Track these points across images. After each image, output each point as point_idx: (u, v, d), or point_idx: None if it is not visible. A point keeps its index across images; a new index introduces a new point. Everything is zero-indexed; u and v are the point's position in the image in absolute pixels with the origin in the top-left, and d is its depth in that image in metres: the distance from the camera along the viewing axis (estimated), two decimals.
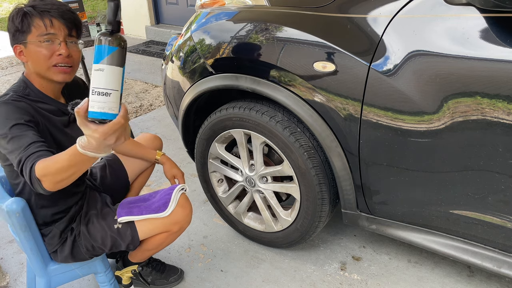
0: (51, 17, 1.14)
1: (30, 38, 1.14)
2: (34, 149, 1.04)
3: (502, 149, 1.07)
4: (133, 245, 1.36)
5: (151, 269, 1.63)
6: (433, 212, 1.30)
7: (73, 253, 1.31)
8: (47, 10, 1.14)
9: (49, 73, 1.18)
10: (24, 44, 1.15)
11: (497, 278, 1.60)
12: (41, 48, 1.15)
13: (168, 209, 1.32)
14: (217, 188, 1.85)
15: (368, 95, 1.21)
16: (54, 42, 1.16)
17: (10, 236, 1.95)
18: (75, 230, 1.32)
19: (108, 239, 1.32)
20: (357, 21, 1.21)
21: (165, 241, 1.42)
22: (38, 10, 1.14)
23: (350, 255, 1.77)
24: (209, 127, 1.66)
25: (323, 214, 1.53)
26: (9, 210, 1.17)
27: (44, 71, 1.18)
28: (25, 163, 1.02)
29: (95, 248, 1.32)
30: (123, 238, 1.33)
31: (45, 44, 1.15)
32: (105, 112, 0.84)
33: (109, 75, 0.83)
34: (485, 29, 1.02)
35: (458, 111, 1.09)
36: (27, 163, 1.02)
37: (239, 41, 1.47)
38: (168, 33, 5.12)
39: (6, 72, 4.37)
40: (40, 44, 1.14)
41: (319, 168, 1.44)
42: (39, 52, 1.15)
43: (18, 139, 1.06)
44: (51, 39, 1.15)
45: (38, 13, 1.13)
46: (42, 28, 1.14)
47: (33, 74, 1.20)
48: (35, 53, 1.15)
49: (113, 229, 1.33)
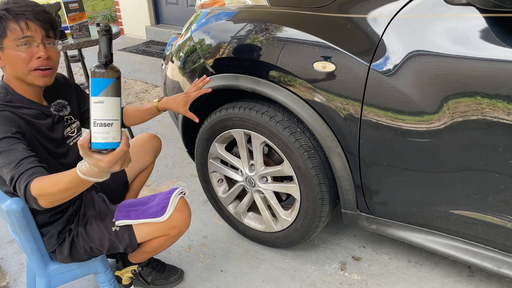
0: (26, 19, 1.11)
1: (6, 42, 1.11)
2: (26, 165, 1.03)
3: (502, 149, 1.07)
4: (131, 248, 1.36)
5: (151, 269, 1.64)
6: (433, 212, 1.30)
7: (71, 253, 1.31)
8: (22, 13, 1.10)
9: (30, 77, 1.15)
10: (1, 49, 1.12)
11: (497, 278, 1.60)
12: (19, 52, 1.12)
13: (165, 214, 1.31)
14: (217, 188, 1.85)
15: (368, 95, 1.21)
16: (32, 45, 1.13)
17: (10, 236, 1.95)
18: (73, 231, 1.32)
19: (106, 241, 1.32)
20: (357, 21, 1.21)
21: (163, 245, 1.42)
22: (12, 13, 1.10)
23: (350, 255, 1.77)
24: (209, 127, 1.66)
25: (323, 214, 1.53)
26: (9, 210, 1.17)
27: (24, 76, 1.15)
28: (18, 181, 1.02)
29: (93, 249, 1.32)
30: (121, 240, 1.33)
31: (22, 48, 1.12)
32: (108, 142, 0.86)
33: (109, 106, 0.84)
34: (485, 29, 1.02)
35: (458, 111, 1.09)
36: (20, 181, 1.01)
37: (239, 41, 1.47)
38: (168, 33, 5.12)
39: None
40: (18, 48, 1.11)
41: (319, 168, 1.44)
42: (17, 56, 1.12)
43: (8, 153, 1.04)
44: (29, 42, 1.12)
45: (12, 17, 1.10)
46: (18, 32, 1.10)
47: (12, 78, 1.18)
48: (13, 57, 1.12)
49: (111, 231, 1.32)
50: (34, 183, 1.00)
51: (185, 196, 1.41)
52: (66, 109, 1.32)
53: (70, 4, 2.54)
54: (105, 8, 7.14)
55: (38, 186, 0.99)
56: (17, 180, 1.02)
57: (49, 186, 0.99)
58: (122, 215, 1.33)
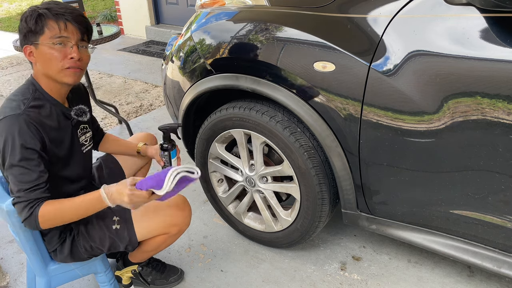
0: (65, 20, 1.15)
1: (42, 39, 1.14)
2: (38, 194, 1.12)
3: (502, 149, 1.07)
4: (131, 246, 1.36)
5: (151, 269, 1.63)
6: (433, 212, 1.30)
7: (72, 253, 1.31)
8: (62, 13, 1.15)
9: (60, 75, 1.18)
10: (36, 45, 1.15)
11: (497, 278, 1.60)
12: (53, 50, 1.15)
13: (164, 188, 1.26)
14: (217, 188, 1.85)
15: (368, 95, 1.21)
16: (66, 45, 1.16)
17: (10, 236, 1.95)
18: (74, 230, 1.32)
19: (106, 239, 1.32)
20: (357, 21, 1.21)
21: (164, 243, 1.42)
22: (53, 12, 1.14)
23: (350, 255, 1.77)
24: (209, 127, 1.66)
25: (323, 214, 1.53)
26: (9, 210, 1.17)
27: (55, 73, 1.18)
28: (25, 204, 1.11)
29: (94, 248, 1.32)
30: (121, 239, 1.33)
31: (57, 47, 1.15)
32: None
33: None
34: (485, 29, 1.02)
35: (458, 111, 1.09)
36: (27, 207, 1.11)
37: (239, 41, 1.47)
38: (168, 33, 5.12)
39: (6, 72, 4.37)
40: (53, 46, 1.14)
41: (319, 168, 1.44)
42: (51, 54, 1.15)
43: (24, 173, 1.11)
44: (64, 42, 1.16)
45: (53, 15, 1.14)
46: (55, 30, 1.14)
47: (41, 75, 1.20)
48: (46, 54, 1.15)
49: (112, 229, 1.33)
50: (43, 209, 1.11)
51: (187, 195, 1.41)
52: (86, 115, 1.36)
53: (70, 4, 2.54)
54: (105, 8, 7.14)
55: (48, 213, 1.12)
56: (25, 203, 1.11)
57: (60, 212, 1.14)
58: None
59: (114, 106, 3.07)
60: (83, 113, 1.34)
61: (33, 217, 1.11)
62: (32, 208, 1.11)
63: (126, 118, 3.18)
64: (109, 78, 4.11)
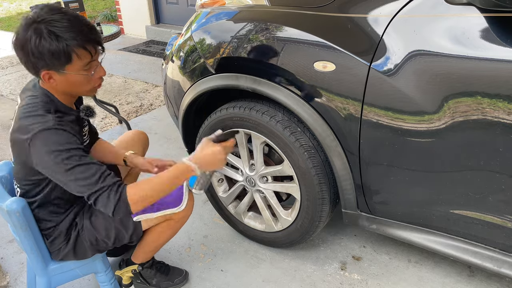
0: (92, 44, 1.10)
1: (70, 68, 1.09)
2: (113, 178, 1.12)
3: (502, 149, 1.07)
4: (136, 236, 1.36)
5: (155, 271, 1.62)
6: (434, 212, 1.30)
7: (75, 249, 1.31)
8: (87, 39, 1.09)
9: (87, 93, 1.19)
10: (60, 73, 1.10)
11: (497, 278, 1.60)
12: (82, 76, 1.12)
13: (183, 203, 1.34)
14: (217, 188, 1.85)
15: (369, 95, 1.21)
16: (92, 66, 1.14)
17: (10, 236, 1.95)
18: (79, 225, 1.31)
19: (112, 230, 1.32)
20: (358, 21, 1.21)
21: (165, 231, 1.42)
22: (80, 40, 1.07)
23: (351, 255, 1.77)
24: (210, 126, 1.66)
25: (323, 214, 1.53)
26: (10, 209, 1.17)
27: (81, 93, 1.18)
28: (108, 192, 1.09)
29: (99, 241, 1.32)
30: (126, 228, 1.33)
31: (86, 72, 1.13)
32: None
33: None
34: (486, 29, 1.02)
35: (458, 111, 1.09)
36: (111, 193, 1.09)
37: (240, 41, 1.47)
38: (168, 33, 5.12)
39: (6, 72, 4.37)
40: (82, 72, 1.12)
41: (319, 168, 1.44)
42: (81, 79, 1.13)
43: (86, 169, 1.09)
44: (92, 64, 1.13)
45: (81, 43, 1.07)
46: (87, 57, 1.10)
47: (58, 92, 1.17)
48: (75, 81, 1.13)
49: (116, 219, 1.32)
50: (129, 192, 1.11)
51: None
52: (95, 113, 1.33)
53: (70, 3, 2.54)
54: (106, 7, 7.14)
55: (138, 193, 1.11)
56: (106, 192, 1.09)
57: (149, 190, 1.13)
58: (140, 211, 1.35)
59: (114, 106, 3.08)
60: (93, 112, 1.32)
61: (122, 200, 1.09)
62: (118, 191, 1.09)
63: (126, 117, 3.18)
64: (109, 77, 4.11)
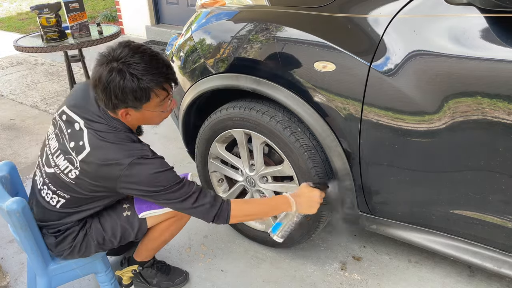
0: (169, 82, 1.15)
1: (147, 106, 1.14)
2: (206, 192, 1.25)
3: (502, 149, 1.07)
4: (141, 233, 1.38)
5: (156, 271, 1.62)
6: (434, 212, 1.30)
7: (80, 247, 1.31)
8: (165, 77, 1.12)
9: (158, 123, 1.25)
10: (136, 109, 1.15)
11: (497, 278, 1.60)
12: (156, 112, 1.17)
13: None
14: (218, 188, 1.85)
15: (369, 95, 1.21)
16: (166, 101, 1.18)
17: (10, 236, 1.95)
18: (88, 223, 1.33)
19: (118, 228, 1.33)
20: (358, 21, 1.21)
21: (169, 229, 1.43)
22: (159, 80, 1.11)
23: (351, 255, 1.77)
24: (210, 127, 1.66)
25: (323, 213, 1.52)
26: (10, 209, 1.17)
27: (153, 124, 1.23)
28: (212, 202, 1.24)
29: (106, 240, 1.33)
30: (132, 225, 1.35)
31: (160, 108, 1.17)
32: None
33: None
34: (486, 29, 1.02)
35: (458, 111, 1.09)
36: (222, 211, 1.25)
37: (240, 41, 1.47)
38: (169, 33, 5.12)
39: (7, 72, 4.37)
40: (157, 109, 1.17)
41: (320, 168, 1.44)
42: (157, 115, 1.19)
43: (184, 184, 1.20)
44: (166, 100, 1.18)
45: (163, 81, 1.12)
46: (163, 95, 1.15)
47: (130, 124, 1.22)
48: (150, 116, 1.18)
49: (122, 217, 1.34)
50: (233, 206, 1.26)
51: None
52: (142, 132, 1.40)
53: (70, 3, 2.54)
54: (106, 7, 7.14)
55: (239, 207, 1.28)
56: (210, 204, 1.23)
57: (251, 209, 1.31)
58: (146, 206, 1.37)
59: None
60: (141, 131, 1.39)
61: (225, 206, 1.25)
62: (220, 198, 1.25)
63: None
64: None
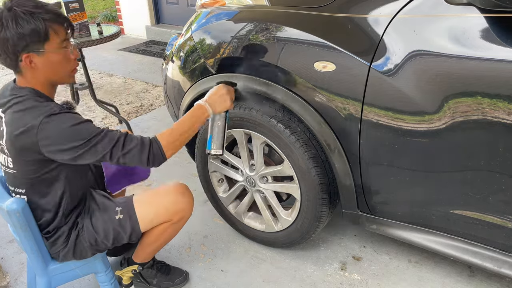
0: (66, 22, 1.11)
1: (48, 46, 1.08)
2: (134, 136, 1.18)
3: (503, 149, 1.07)
4: (135, 236, 1.36)
5: (156, 271, 1.62)
6: (434, 212, 1.30)
7: (75, 249, 1.31)
8: (62, 16, 1.10)
9: (67, 78, 1.18)
10: (40, 53, 1.09)
11: (497, 278, 1.60)
12: (60, 55, 1.12)
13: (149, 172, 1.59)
14: (218, 188, 1.85)
15: (369, 95, 1.21)
16: (67, 47, 1.13)
17: (10, 236, 1.95)
18: (79, 224, 1.32)
19: (110, 231, 1.32)
20: (358, 21, 1.21)
21: (165, 232, 1.42)
22: (54, 15, 1.07)
23: (351, 255, 1.77)
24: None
25: (323, 214, 1.53)
26: (10, 209, 1.17)
27: (62, 78, 1.17)
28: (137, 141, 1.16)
29: (98, 242, 1.32)
30: (125, 228, 1.33)
31: (63, 51, 1.12)
32: None
33: None
34: (486, 29, 1.02)
35: (458, 111, 1.09)
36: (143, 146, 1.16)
37: (240, 41, 1.47)
38: (169, 33, 5.12)
39: (6, 72, 4.37)
40: (60, 50, 1.11)
41: (320, 168, 1.44)
42: (61, 59, 1.12)
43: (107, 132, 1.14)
44: (67, 45, 1.13)
45: (56, 18, 1.08)
46: (62, 34, 1.10)
47: (40, 83, 1.15)
48: (56, 61, 1.12)
49: (115, 220, 1.33)
50: (160, 138, 1.20)
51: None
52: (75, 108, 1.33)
53: (70, 3, 2.54)
54: (106, 7, 7.14)
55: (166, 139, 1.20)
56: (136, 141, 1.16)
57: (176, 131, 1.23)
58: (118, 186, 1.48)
59: (114, 106, 3.08)
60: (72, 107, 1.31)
61: (156, 147, 1.17)
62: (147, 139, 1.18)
63: (126, 118, 3.18)
64: (109, 78, 4.11)
